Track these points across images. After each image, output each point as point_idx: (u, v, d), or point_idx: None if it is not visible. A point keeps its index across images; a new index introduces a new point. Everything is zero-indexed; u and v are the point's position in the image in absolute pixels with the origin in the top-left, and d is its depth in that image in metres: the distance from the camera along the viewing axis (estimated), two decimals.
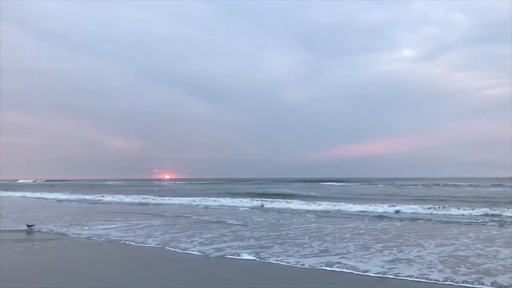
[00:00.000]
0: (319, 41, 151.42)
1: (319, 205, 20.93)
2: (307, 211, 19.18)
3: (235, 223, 14.43)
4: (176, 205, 24.19)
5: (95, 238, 10.85)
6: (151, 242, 10.06)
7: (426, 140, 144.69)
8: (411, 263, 7.51)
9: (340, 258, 7.99)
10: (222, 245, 9.62)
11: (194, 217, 16.85)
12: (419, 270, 6.92)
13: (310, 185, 59.97)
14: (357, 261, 7.65)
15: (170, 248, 9.24)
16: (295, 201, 23.23)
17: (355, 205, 20.05)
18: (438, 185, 50.19)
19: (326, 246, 9.35)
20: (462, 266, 7.20)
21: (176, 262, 7.94)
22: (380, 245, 9.50)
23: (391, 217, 16.02)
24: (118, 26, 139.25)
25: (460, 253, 8.44)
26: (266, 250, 8.84)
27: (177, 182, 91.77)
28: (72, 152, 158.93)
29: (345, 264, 7.44)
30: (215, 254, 8.45)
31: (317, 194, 34.07)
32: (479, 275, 6.51)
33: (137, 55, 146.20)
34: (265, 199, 25.18)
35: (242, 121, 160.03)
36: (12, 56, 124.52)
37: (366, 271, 6.84)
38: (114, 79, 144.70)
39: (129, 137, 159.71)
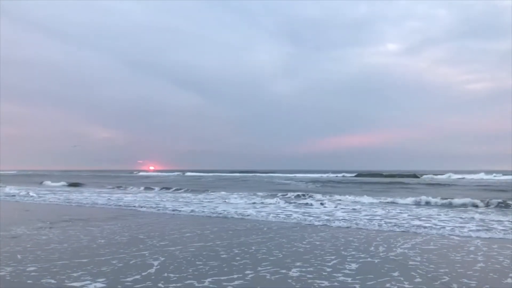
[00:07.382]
0: (306, 34, 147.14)
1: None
2: None
3: None
4: None
5: None
6: None
7: (410, 133, 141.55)
8: None
9: None
10: None
11: None
12: None
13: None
14: None
15: None
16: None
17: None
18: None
19: None
20: None
21: None
22: None
23: None
24: (105, 16, 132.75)
25: None
26: None
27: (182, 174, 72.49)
28: (54, 142, 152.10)
29: None
30: None
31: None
32: None
33: (123, 46, 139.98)
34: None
35: (228, 113, 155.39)
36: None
37: None
38: (101, 70, 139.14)
39: (113, 128, 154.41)
